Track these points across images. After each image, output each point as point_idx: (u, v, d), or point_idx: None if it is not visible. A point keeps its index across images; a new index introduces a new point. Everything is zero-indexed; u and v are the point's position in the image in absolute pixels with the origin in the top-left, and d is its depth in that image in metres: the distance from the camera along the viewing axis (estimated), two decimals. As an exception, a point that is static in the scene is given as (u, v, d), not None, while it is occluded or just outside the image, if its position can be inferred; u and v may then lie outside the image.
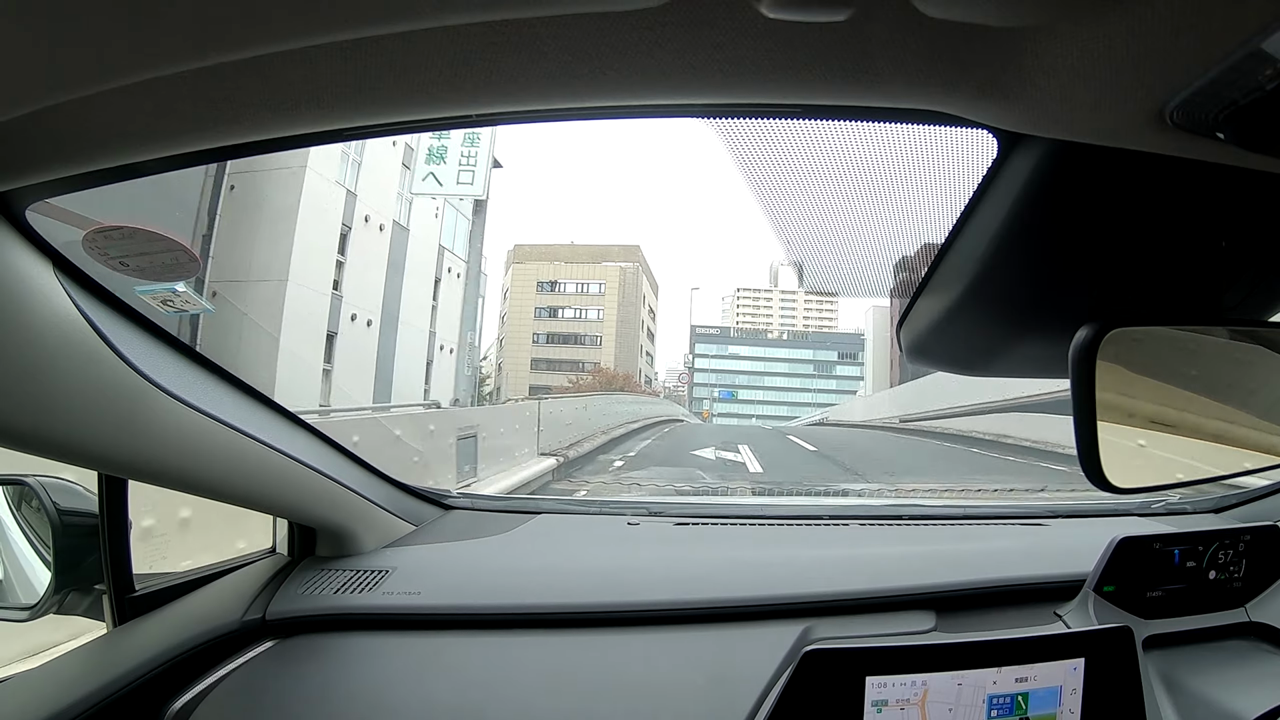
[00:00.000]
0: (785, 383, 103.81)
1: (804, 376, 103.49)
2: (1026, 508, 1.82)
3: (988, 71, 0.50)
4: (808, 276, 0.94)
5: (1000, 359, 0.92)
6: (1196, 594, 1.20)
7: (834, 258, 0.91)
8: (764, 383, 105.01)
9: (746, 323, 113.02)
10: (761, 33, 0.46)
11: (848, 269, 0.93)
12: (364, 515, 1.30)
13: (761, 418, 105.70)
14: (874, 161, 0.72)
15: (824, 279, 0.95)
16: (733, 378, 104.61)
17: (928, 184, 0.75)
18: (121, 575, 1.09)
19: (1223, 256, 0.72)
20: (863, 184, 0.78)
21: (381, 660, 1.08)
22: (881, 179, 0.76)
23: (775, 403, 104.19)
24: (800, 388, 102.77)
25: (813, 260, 0.91)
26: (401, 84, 0.54)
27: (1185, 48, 0.42)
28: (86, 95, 0.48)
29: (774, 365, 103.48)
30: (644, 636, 1.14)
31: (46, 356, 0.71)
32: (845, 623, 1.17)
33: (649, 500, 1.80)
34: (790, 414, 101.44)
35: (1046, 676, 1.00)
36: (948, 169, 0.71)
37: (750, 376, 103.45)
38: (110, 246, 1.06)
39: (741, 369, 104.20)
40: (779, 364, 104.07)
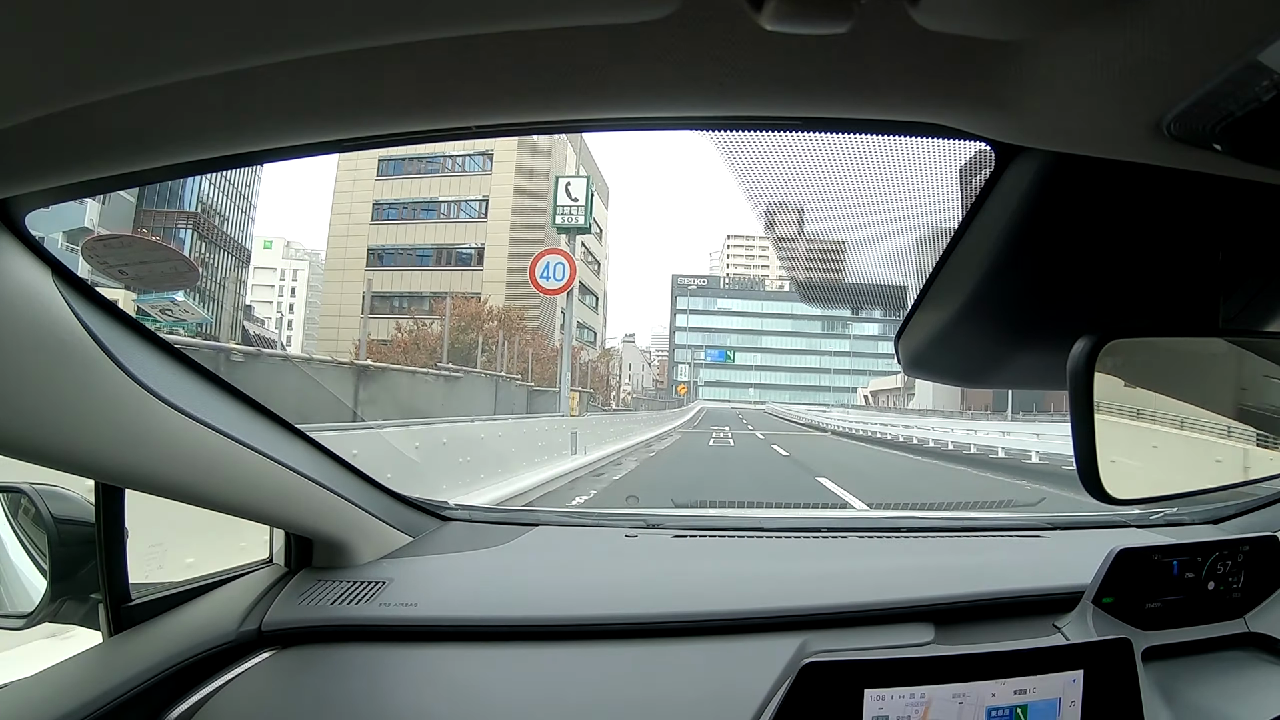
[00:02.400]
0: (787, 344, 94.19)
1: (810, 336, 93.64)
2: (1024, 520, 1.82)
3: (986, 84, 0.50)
4: (807, 289, 0.94)
5: (999, 371, 0.93)
6: (1195, 605, 1.20)
7: (833, 271, 0.91)
8: (761, 343, 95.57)
9: (739, 272, 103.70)
10: (761, 45, 0.47)
11: (846, 282, 0.93)
12: (361, 526, 1.30)
13: (761, 388, 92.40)
14: (872, 174, 0.73)
15: (822, 292, 0.95)
16: (723, 338, 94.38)
17: (926, 196, 0.75)
18: (118, 584, 1.08)
19: (1220, 267, 0.73)
20: (861, 196, 0.78)
21: (378, 672, 1.07)
22: (880, 191, 0.76)
23: (775, 369, 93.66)
24: (806, 349, 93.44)
25: (811, 273, 0.91)
26: (402, 95, 0.55)
27: (1182, 60, 0.43)
28: (86, 103, 0.48)
29: (773, 323, 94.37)
30: (642, 649, 1.13)
31: (44, 364, 0.71)
32: (844, 635, 1.17)
33: (647, 512, 1.79)
34: (791, 385, 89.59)
35: (1045, 688, 0.99)
36: (946, 181, 0.71)
37: (744, 336, 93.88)
38: (110, 255, 1.07)
39: (734, 327, 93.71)
40: (779, 320, 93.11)
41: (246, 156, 0.64)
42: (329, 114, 0.58)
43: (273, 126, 0.59)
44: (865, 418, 37.74)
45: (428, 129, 0.61)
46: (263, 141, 0.61)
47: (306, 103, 0.55)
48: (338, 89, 0.53)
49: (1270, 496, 1.56)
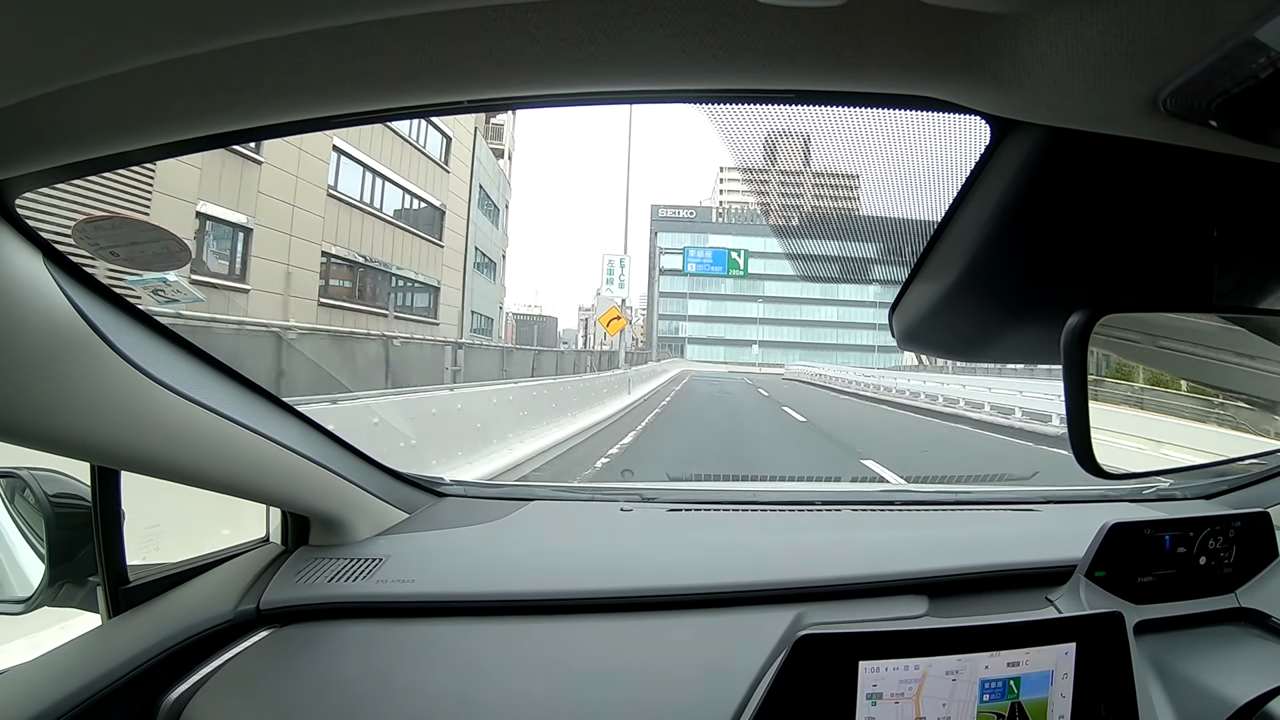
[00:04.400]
0: (795, 291, 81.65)
1: (827, 281, 78.49)
2: (1018, 493, 1.84)
3: (982, 58, 0.50)
4: (801, 261, 0.94)
5: (993, 345, 0.93)
6: (1187, 579, 1.21)
7: (827, 244, 0.91)
8: (764, 290, 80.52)
9: (737, 200, 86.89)
10: (755, 18, 0.46)
11: (840, 255, 0.93)
12: (357, 503, 1.30)
13: (767, 346, 79.25)
14: (867, 148, 0.72)
15: (818, 265, 0.95)
16: (718, 285, 79.22)
17: (921, 170, 0.75)
18: (115, 567, 1.09)
19: (1215, 244, 0.73)
20: (856, 170, 0.78)
21: (376, 648, 1.08)
22: (875, 165, 0.76)
23: (784, 322, 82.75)
24: (816, 298, 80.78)
25: (807, 246, 0.91)
26: (391, 71, 0.54)
27: (1179, 35, 0.42)
28: (74, 84, 0.48)
29: (780, 265, 67.08)
30: (637, 622, 1.14)
31: (36, 347, 0.70)
32: (838, 608, 1.18)
33: (642, 486, 1.80)
34: (804, 343, 76.16)
35: (1038, 661, 1.01)
36: (941, 155, 0.71)
37: (743, 282, 76.13)
38: (100, 237, 1.06)
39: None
40: (784, 262, 76.00)
41: (237, 134, 0.63)
42: (319, 90, 0.57)
43: (262, 104, 0.58)
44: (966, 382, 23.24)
45: (417, 105, 0.61)
46: (253, 119, 0.61)
47: (296, 80, 0.54)
48: (327, 65, 0.52)
49: (1263, 472, 1.58)
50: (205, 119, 0.60)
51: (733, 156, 0.72)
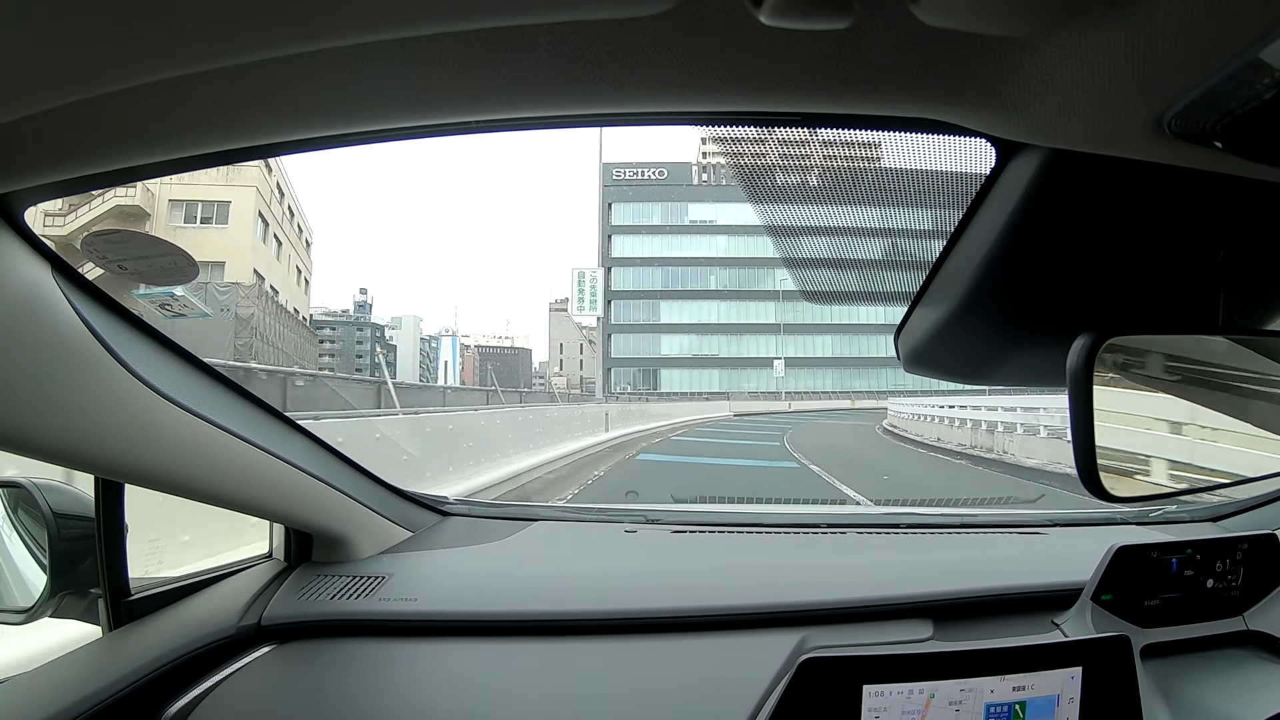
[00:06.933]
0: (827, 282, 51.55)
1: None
2: (1024, 516, 1.82)
3: (987, 81, 0.50)
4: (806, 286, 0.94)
5: (998, 368, 0.92)
6: (1194, 603, 1.20)
7: (833, 267, 0.91)
8: (758, 283, 56.99)
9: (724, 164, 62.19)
10: (761, 41, 0.46)
11: (846, 278, 0.93)
12: (361, 521, 1.30)
13: (793, 365, 51.24)
14: (872, 170, 0.72)
15: (822, 289, 0.95)
16: (702, 276, 58.33)
17: (926, 193, 0.75)
18: (117, 579, 1.09)
19: (1221, 266, 0.73)
20: (861, 193, 0.78)
21: (378, 667, 1.07)
22: (880, 188, 0.76)
23: (809, 329, 55.57)
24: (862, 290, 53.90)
25: (812, 269, 0.91)
26: (401, 90, 0.54)
27: (1184, 57, 0.43)
28: (85, 98, 0.48)
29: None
30: (641, 644, 1.14)
31: (44, 359, 0.71)
32: (842, 631, 1.17)
33: (646, 508, 1.79)
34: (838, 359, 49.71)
35: (1044, 685, 0.99)
36: (946, 178, 0.71)
37: (739, 272, 57.61)
38: (109, 250, 1.06)
39: (719, 253, 57.23)
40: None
41: (245, 151, 0.64)
42: (328, 109, 0.58)
43: (271, 122, 0.59)
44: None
45: (424, 124, 0.61)
46: (261, 137, 0.61)
47: (307, 98, 0.55)
48: (337, 85, 0.53)
49: (1269, 495, 1.56)
50: (215, 135, 0.61)
51: (736, 176, 0.73)
